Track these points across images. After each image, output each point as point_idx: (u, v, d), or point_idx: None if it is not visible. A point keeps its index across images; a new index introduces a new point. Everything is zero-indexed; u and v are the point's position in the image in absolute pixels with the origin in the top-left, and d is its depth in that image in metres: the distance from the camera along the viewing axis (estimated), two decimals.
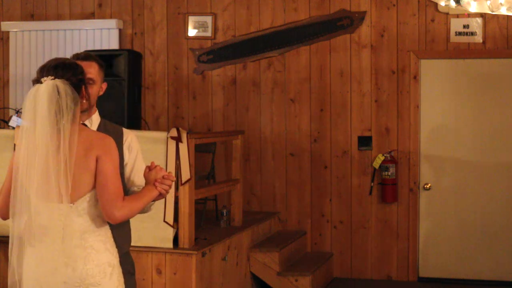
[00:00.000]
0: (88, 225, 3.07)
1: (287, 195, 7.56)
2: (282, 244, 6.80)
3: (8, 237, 3.09)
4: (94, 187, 3.06)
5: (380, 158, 7.22)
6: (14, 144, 5.80)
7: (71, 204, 3.02)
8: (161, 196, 3.24)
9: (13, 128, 6.04)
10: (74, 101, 3.02)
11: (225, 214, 6.61)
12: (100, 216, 3.09)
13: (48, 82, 3.01)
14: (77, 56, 3.43)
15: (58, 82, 3.02)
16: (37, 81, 3.06)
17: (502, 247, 7.09)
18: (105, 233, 3.13)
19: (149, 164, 3.27)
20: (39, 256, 3.03)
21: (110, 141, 3.12)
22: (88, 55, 3.46)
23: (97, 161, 3.04)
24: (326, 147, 7.46)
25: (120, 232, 3.38)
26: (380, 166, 7.22)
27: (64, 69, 3.08)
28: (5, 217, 3.13)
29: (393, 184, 7.19)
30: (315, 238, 7.49)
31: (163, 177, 3.20)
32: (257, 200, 7.63)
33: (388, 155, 7.22)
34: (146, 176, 3.25)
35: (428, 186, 7.24)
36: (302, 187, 7.52)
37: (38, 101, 2.99)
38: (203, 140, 6.29)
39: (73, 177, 2.99)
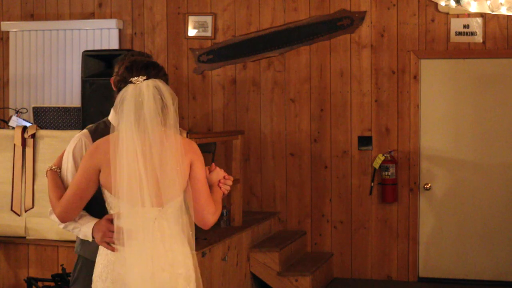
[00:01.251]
0: (177, 230, 3.04)
1: (287, 195, 7.56)
2: (282, 244, 6.80)
3: (7, 237, 3.11)
4: (181, 191, 3.04)
5: (380, 158, 7.22)
6: (14, 144, 5.81)
7: (160, 208, 3.00)
8: (223, 195, 3.29)
9: (13, 128, 6.04)
10: (174, 100, 3.00)
11: (225, 214, 6.61)
12: (182, 222, 3.06)
13: (149, 82, 2.98)
14: (132, 55, 3.37)
15: (158, 81, 3.00)
16: (124, 81, 3.02)
17: (502, 247, 7.10)
18: (187, 238, 3.09)
19: (209, 166, 3.26)
20: (132, 260, 2.97)
21: (197, 146, 3.15)
22: (142, 54, 3.46)
23: (191, 166, 3.06)
24: (326, 147, 7.46)
25: None
26: (380, 166, 7.22)
27: (155, 69, 3.07)
28: (69, 219, 3.09)
29: (393, 184, 7.19)
30: (315, 238, 7.49)
31: (224, 177, 3.24)
32: (257, 200, 7.63)
33: (388, 155, 7.22)
34: (208, 178, 3.23)
35: (428, 186, 7.24)
36: (302, 187, 7.52)
37: (144, 101, 2.94)
38: (203, 140, 6.29)
39: (168, 180, 2.98)
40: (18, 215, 5.86)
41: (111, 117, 3.33)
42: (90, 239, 3.10)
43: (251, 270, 6.61)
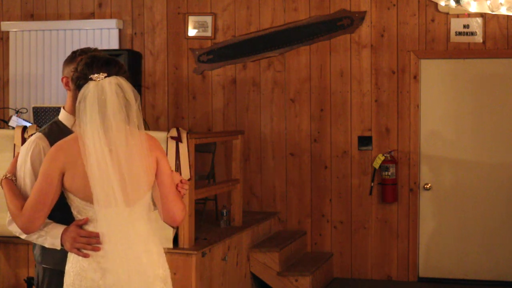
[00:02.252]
0: (148, 229, 2.96)
1: (287, 195, 7.56)
2: (282, 244, 6.80)
3: (7, 237, 3.09)
4: (149, 189, 2.98)
5: (380, 158, 7.22)
6: (14, 144, 5.80)
7: (131, 208, 2.91)
8: (182, 196, 3.24)
9: (13, 128, 6.04)
10: (136, 98, 2.92)
11: (225, 214, 6.61)
12: (152, 220, 2.99)
13: (111, 80, 2.89)
14: (84, 52, 3.26)
15: (120, 79, 2.92)
16: (84, 78, 2.92)
17: (502, 247, 7.10)
18: (159, 236, 3.03)
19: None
20: (105, 265, 2.88)
21: (159, 142, 3.09)
22: (94, 50, 3.32)
23: (157, 162, 2.99)
24: (326, 147, 7.46)
25: None
26: (380, 166, 7.22)
27: (116, 66, 2.97)
28: (34, 230, 2.94)
29: (393, 184, 7.19)
30: (315, 238, 7.49)
31: (181, 181, 3.13)
32: (257, 200, 7.63)
33: (388, 155, 7.22)
34: None
35: (428, 186, 7.24)
36: (302, 187, 7.52)
37: (107, 99, 2.86)
38: (203, 140, 6.29)
39: (137, 179, 2.90)
40: None
41: (63, 117, 3.26)
42: (58, 247, 2.97)
43: (251, 270, 6.61)
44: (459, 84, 7.21)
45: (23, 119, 6.53)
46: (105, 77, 2.90)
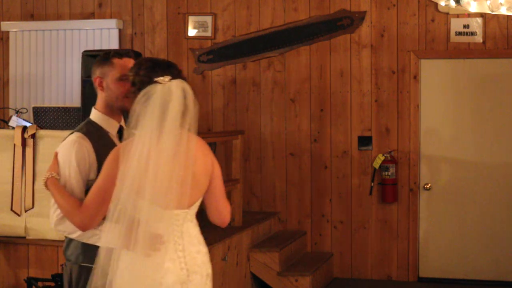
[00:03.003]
0: (197, 230, 3.09)
1: (287, 195, 7.56)
2: (282, 244, 6.80)
3: (7, 237, 3.09)
4: (204, 192, 3.08)
5: (380, 158, 7.22)
6: (14, 144, 5.81)
7: (187, 210, 3.02)
8: None
9: (13, 128, 6.04)
10: (195, 103, 2.97)
11: None
12: (195, 221, 3.10)
13: (178, 83, 2.95)
14: (119, 53, 3.33)
15: (185, 83, 2.97)
16: (148, 82, 2.95)
17: (502, 247, 7.10)
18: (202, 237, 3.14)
19: None
20: (149, 264, 2.93)
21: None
22: (128, 51, 3.42)
23: (212, 165, 3.09)
24: (326, 147, 7.46)
25: None
26: (380, 166, 7.22)
27: (176, 69, 3.04)
28: (91, 227, 3.01)
29: (393, 184, 7.19)
30: (315, 238, 7.49)
31: None
32: (257, 200, 7.63)
33: (388, 155, 7.22)
34: None
35: (428, 186, 7.24)
36: (302, 187, 7.52)
37: (171, 102, 2.91)
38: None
39: (196, 182, 3.00)
40: (18, 215, 5.86)
41: (97, 117, 3.29)
42: (114, 246, 2.98)
43: (251, 270, 6.61)
44: (459, 84, 7.21)
45: (23, 119, 6.53)
46: (170, 79, 2.96)
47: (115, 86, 3.25)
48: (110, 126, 3.30)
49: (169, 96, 2.92)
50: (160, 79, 2.95)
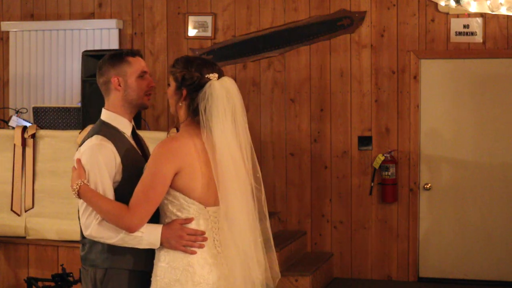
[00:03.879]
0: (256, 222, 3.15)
1: (287, 195, 7.56)
2: (282, 244, 6.80)
3: (7, 237, 3.08)
4: None
5: (380, 158, 7.22)
6: (14, 144, 5.81)
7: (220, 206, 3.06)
8: None
9: (13, 128, 6.04)
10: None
11: None
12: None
13: (230, 79, 3.05)
14: (132, 52, 3.33)
15: (232, 80, 3.07)
16: (201, 78, 3.02)
17: (502, 247, 7.10)
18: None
19: None
20: (195, 261, 3.01)
21: None
22: (138, 51, 3.41)
23: None
24: (326, 147, 7.46)
25: None
26: (380, 166, 7.22)
27: (219, 67, 3.12)
28: (139, 228, 2.99)
29: (393, 184, 7.19)
30: (315, 238, 7.49)
31: None
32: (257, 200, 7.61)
33: (388, 155, 7.22)
34: None
35: (428, 186, 7.24)
36: (302, 187, 7.52)
37: (235, 97, 3.03)
38: None
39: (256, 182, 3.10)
40: (18, 215, 5.86)
41: (111, 118, 3.24)
42: (157, 247, 3.03)
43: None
44: (459, 84, 7.21)
45: (23, 119, 6.53)
46: (218, 77, 3.05)
47: (136, 84, 3.24)
48: (125, 126, 3.27)
49: (229, 93, 3.01)
50: (211, 75, 3.03)
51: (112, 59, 3.27)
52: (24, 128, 5.86)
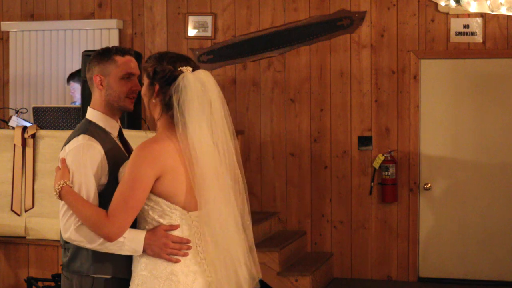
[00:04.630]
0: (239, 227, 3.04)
1: (287, 195, 7.56)
2: (282, 244, 6.80)
3: (7, 237, 3.07)
4: None
5: (380, 158, 7.22)
6: (14, 144, 5.81)
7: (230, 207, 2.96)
8: None
9: (13, 128, 6.04)
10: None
11: None
12: None
13: (206, 72, 2.85)
14: (121, 50, 3.13)
15: (208, 72, 2.87)
16: (174, 71, 2.83)
17: (502, 247, 7.10)
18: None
19: None
20: (178, 269, 2.88)
21: None
22: (129, 49, 3.22)
23: None
24: (326, 147, 7.46)
25: None
26: (380, 166, 7.22)
27: (194, 61, 2.93)
28: (120, 236, 2.83)
29: (393, 184, 7.19)
30: (315, 238, 7.49)
31: None
32: (257, 200, 7.62)
33: (388, 155, 7.22)
34: None
35: (428, 186, 7.24)
36: (302, 187, 7.52)
37: (209, 91, 2.81)
38: None
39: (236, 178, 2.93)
40: (18, 215, 5.86)
41: (97, 117, 3.09)
42: (139, 253, 2.86)
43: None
44: (459, 84, 7.21)
45: (23, 119, 6.53)
46: (192, 70, 2.85)
47: (118, 85, 3.06)
48: (112, 127, 3.10)
49: (203, 86, 2.81)
50: (184, 68, 2.84)
51: (100, 56, 3.11)
52: (24, 128, 5.85)
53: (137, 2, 7.93)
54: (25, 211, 5.84)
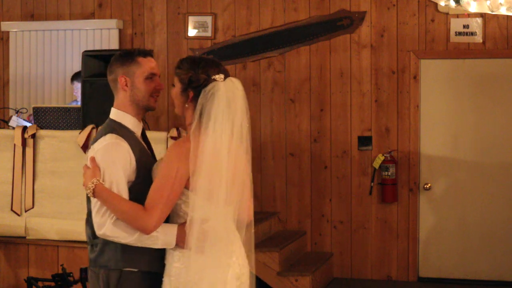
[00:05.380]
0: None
1: (287, 195, 7.56)
2: (282, 244, 6.80)
3: (7, 237, 3.08)
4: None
5: (380, 158, 7.23)
6: (14, 144, 5.81)
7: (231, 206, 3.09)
8: None
9: (13, 128, 6.05)
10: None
11: None
12: None
13: (236, 81, 3.01)
14: (143, 52, 3.27)
15: (238, 81, 3.04)
16: (207, 79, 2.99)
17: (502, 247, 7.10)
18: None
19: None
20: (211, 261, 3.02)
21: None
22: (150, 51, 3.35)
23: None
24: (326, 147, 7.46)
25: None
26: (380, 166, 7.23)
27: (225, 68, 3.09)
28: (153, 230, 2.96)
29: (393, 184, 7.19)
30: (315, 238, 7.49)
31: None
32: (257, 200, 7.62)
33: (388, 155, 7.22)
34: None
35: (428, 186, 7.24)
36: (302, 187, 7.52)
37: (236, 100, 2.97)
38: None
39: (242, 179, 3.09)
40: (18, 215, 5.86)
41: (120, 117, 3.20)
42: (172, 246, 3.01)
43: (251, 270, 6.60)
44: (459, 84, 7.21)
45: (23, 119, 6.53)
46: (224, 78, 3.01)
47: (143, 85, 3.20)
48: (135, 126, 3.23)
49: (233, 94, 2.96)
50: (217, 76, 2.99)
51: (122, 58, 3.24)
52: (24, 128, 5.86)
53: (137, 2, 7.93)
54: (25, 211, 5.85)
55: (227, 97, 2.96)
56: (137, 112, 3.25)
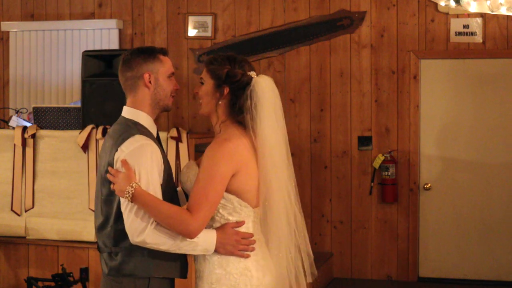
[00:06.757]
0: None
1: None
2: None
3: (7, 237, 3.07)
4: None
5: (380, 158, 7.23)
6: (14, 144, 5.81)
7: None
8: None
9: (13, 128, 6.04)
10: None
11: None
12: None
13: (270, 78, 3.02)
14: (162, 51, 3.16)
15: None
16: (245, 75, 2.98)
17: (501, 247, 7.10)
18: None
19: None
20: (263, 263, 3.04)
21: None
22: (166, 49, 3.24)
23: None
24: (326, 147, 7.46)
25: None
26: (380, 166, 7.23)
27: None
28: (197, 234, 2.90)
29: (393, 184, 7.19)
30: (315, 238, 7.49)
31: None
32: None
33: (388, 155, 7.22)
34: None
35: (428, 186, 7.24)
36: (302, 187, 7.52)
37: (275, 95, 3.01)
38: (203, 140, 6.28)
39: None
40: (18, 215, 5.86)
41: (135, 116, 3.08)
42: (210, 252, 2.94)
43: None
44: (459, 84, 7.21)
45: (23, 119, 6.53)
46: (256, 74, 3.02)
47: (166, 83, 3.10)
48: (151, 127, 3.13)
49: (273, 90, 2.99)
50: (251, 73, 3.00)
51: (144, 54, 3.10)
52: (24, 128, 5.86)
53: (137, 2, 7.93)
54: (25, 211, 5.85)
55: (274, 93, 2.99)
56: (154, 112, 3.14)
